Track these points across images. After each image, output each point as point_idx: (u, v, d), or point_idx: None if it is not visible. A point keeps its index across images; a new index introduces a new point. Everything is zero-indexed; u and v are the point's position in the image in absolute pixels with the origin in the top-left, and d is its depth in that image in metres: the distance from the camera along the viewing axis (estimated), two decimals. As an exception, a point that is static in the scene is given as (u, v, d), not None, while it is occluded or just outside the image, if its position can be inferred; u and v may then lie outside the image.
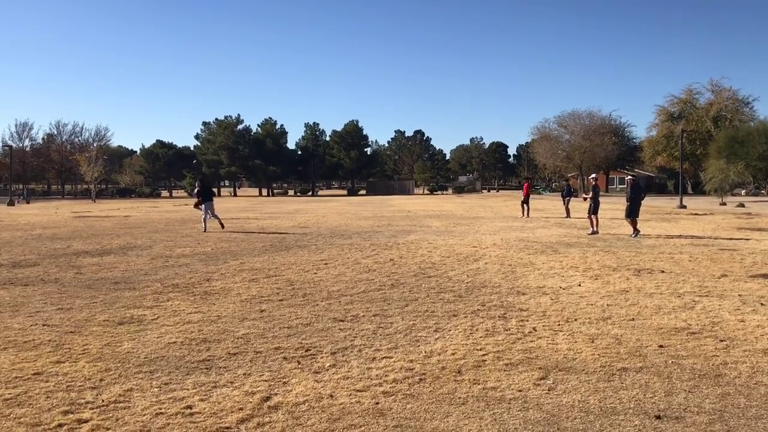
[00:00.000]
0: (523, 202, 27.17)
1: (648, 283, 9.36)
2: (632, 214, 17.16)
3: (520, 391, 4.67)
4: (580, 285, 9.31)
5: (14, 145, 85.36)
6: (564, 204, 26.94)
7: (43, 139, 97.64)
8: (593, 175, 20.74)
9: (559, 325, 6.78)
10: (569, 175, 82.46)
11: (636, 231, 16.95)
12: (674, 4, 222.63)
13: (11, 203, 51.31)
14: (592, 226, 18.35)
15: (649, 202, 41.11)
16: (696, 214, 29.05)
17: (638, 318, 7.08)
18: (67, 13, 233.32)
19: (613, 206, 36.87)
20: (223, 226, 20.48)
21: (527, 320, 7.01)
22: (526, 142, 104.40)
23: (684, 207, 34.27)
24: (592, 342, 6.04)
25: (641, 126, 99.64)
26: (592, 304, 7.85)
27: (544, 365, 5.30)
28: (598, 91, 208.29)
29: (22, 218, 29.12)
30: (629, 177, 19.13)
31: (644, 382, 4.85)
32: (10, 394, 4.62)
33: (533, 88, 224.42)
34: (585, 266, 11.23)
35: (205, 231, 19.74)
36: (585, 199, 19.11)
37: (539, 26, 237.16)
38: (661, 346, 5.86)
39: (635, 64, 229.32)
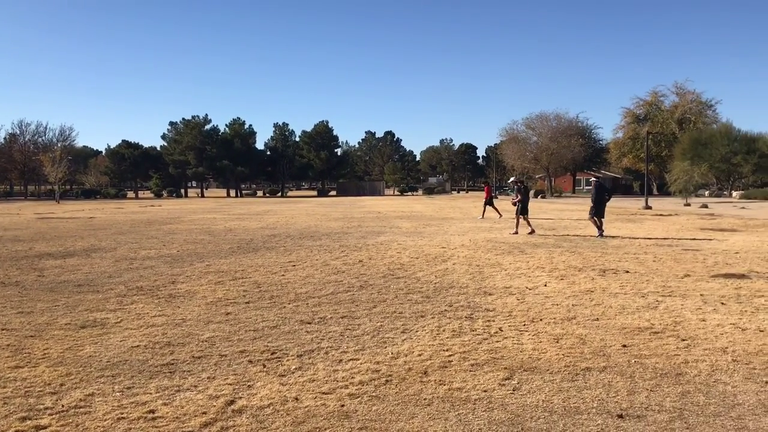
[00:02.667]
0: (485, 204, 27.76)
1: (613, 284, 9.48)
2: (597, 214, 17.45)
3: (485, 391, 4.69)
4: (546, 285, 9.40)
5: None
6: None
7: (4, 138, 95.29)
8: (513, 178, 21.41)
9: (524, 325, 6.83)
10: (537, 176, 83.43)
11: (600, 232, 17.23)
12: (642, 6, 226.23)
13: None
14: (516, 227, 18.92)
15: (615, 203, 41.66)
16: (661, 214, 29.53)
17: (602, 318, 7.17)
18: (31, 10, 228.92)
19: (580, 207, 37.34)
20: None
21: (493, 320, 7.05)
22: (495, 144, 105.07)
23: (649, 208, 34.83)
24: (557, 342, 6.10)
25: (608, 128, 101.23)
26: (557, 305, 7.93)
27: (510, 365, 5.33)
28: (566, 93, 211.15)
29: (-18, 220, 28.47)
30: (593, 179, 19.56)
31: (607, 381, 4.91)
32: (-35, 400, 4.51)
33: (502, 90, 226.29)
34: (551, 267, 11.34)
35: None
36: (515, 203, 19.43)
37: (507, 28, 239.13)
38: (624, 346, 5.94)
39: (602, 66, 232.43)
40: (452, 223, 24.43)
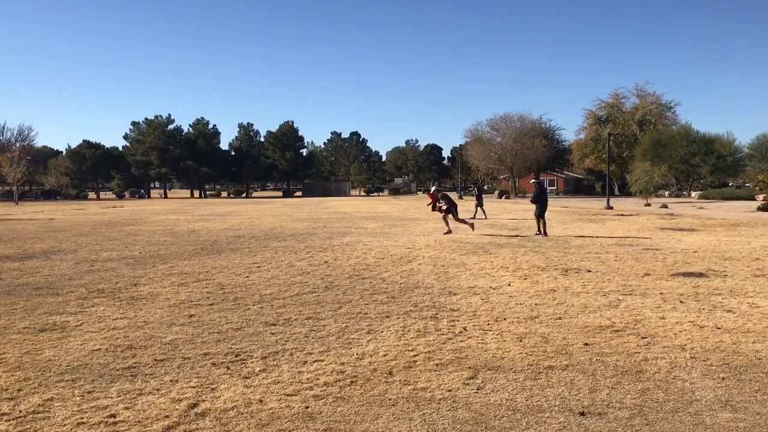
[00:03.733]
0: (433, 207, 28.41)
1: (575, 283, 9.61)
2: (542, 214, 17.92)
3: (449, 391, 4.73)
4: (509, 285, 9.49)
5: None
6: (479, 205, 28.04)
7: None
8: (434, 187, 22.28)
9: (488, 324, 6.89)
10: (501, 177, 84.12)
11: (539, 232, 17.97)
12: (604, 10, 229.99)
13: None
14: (447, 225, 19.32)
15: (577, 203, 42.24)
16: (622, 214, 30.00)
17: (565, 317, 7.26)
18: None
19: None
20: None
21: (458, 320, 7.10)
22: (460, 145, 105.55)
23: (611, 208, 35.36)
24: (520, 341, 6.17)
25: (570, 129, 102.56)
26: (521, 304, 8.02)
27: (474, 365, 5.38)
28: (529, 95, 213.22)
29: (-63, 221, 27.71)
30: (533, 180, 20.28)
31: (569, 379, 4.98)
32: None
33: (467, 91, 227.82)
34: (515, 266, 11.45)
35: None
36: (441, 209, 19.73)
37: (473, 30, 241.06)
38: (586, 344, 6.03)
39: (565, 68, 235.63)
40: (417, 223, 24.51)
